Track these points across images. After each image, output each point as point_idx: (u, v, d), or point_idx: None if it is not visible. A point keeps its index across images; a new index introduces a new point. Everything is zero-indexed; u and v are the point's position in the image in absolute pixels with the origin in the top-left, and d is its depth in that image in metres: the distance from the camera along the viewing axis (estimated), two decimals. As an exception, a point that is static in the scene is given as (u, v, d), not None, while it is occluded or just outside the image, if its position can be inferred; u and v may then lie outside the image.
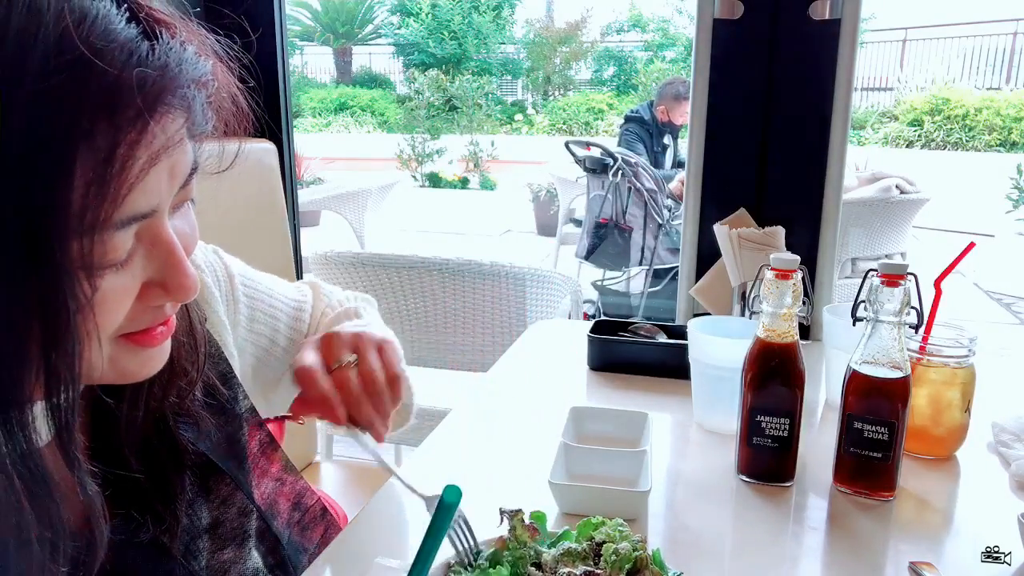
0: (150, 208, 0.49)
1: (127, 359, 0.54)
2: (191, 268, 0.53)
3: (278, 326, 0.87)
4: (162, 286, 0.52)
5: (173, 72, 0.47)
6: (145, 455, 0.63)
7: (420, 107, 13.25)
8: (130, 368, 0.55)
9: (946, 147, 11.83)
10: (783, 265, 0.82)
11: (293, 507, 0.80)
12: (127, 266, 0.50)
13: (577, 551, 0.64)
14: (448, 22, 16.58)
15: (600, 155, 4.10)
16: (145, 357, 0.55)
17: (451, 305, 1.97)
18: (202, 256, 0.78)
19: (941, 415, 0.93)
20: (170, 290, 0.52)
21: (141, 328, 0.53)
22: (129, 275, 0.50)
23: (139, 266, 0.50)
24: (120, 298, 0.50)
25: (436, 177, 10.58)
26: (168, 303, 0.54)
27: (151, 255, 0.51)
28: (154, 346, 0.55)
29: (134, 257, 0.50)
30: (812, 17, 1.33)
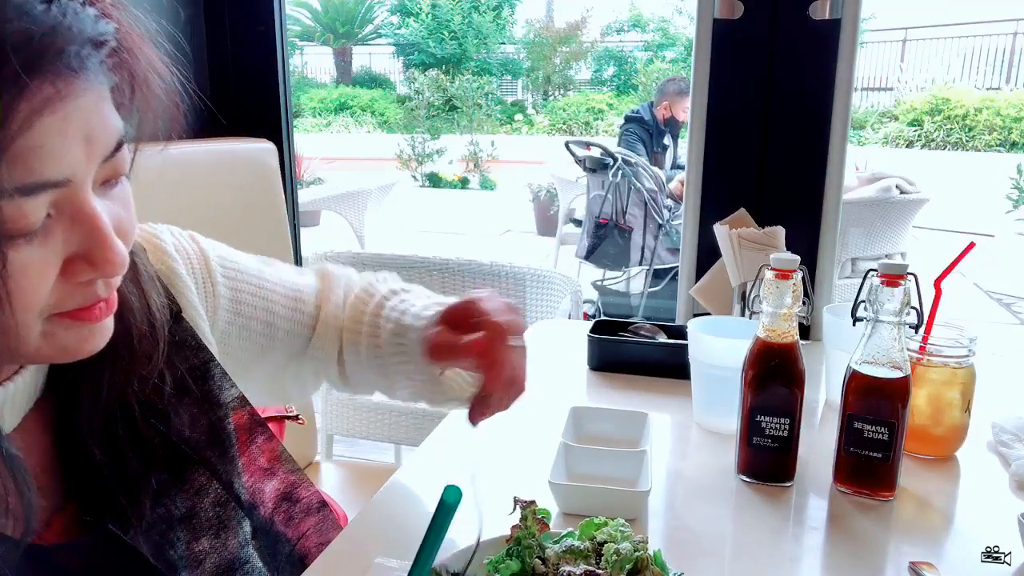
0: (62, 176, 0.48)
1: (64, 335, 0.53)
2: (118, 243, 0.51)
3: (274, 308, 0.84)
4: (87, 261, 0.51)
5: (64, 31, 0.46)
6: (109, 447, 0.63)
7: (420, 107, 13.26)
8: (68, 344, 0.54)
9: (946, 147, 11.83)
10: (783, 265, 0.82)
11: (282, 498, 0.78)
12: (45, 240, 0.49)
13: (579, 549, 0.64)
14: (448, 22, 16.58)
15: (600, 155, 4.11)
16: (84, 333, 0.54)
17: (451, 305, 1.97)
18: (174, 242, 0.76)
19: (941, 415, 0.93)
20: (95, 264, 0.51)
21: (75, 307, 0.52)
22: (48, 249, 0.49)
23: (59, 240, 0.49)
24: (39, 271, 0.49)
25: (436, 177, 10.58)
26: (99, 280, 0.53)
27: (73, 229, 0.50)
28: (92, 321, 0.54)
29: (53, 231, 0.49)
30: (812, 17, 1.33)
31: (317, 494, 0.82)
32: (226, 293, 0.79)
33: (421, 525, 0.53)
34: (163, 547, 0.64)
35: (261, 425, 0.78)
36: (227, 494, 0.70)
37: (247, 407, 0.76)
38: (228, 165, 1.42)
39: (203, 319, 0.75)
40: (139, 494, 0.63)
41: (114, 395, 0.62)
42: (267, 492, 0.77)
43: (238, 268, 0.81)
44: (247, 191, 1.44)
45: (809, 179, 1.39)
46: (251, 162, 1.45)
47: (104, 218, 0.51)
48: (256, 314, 0.82)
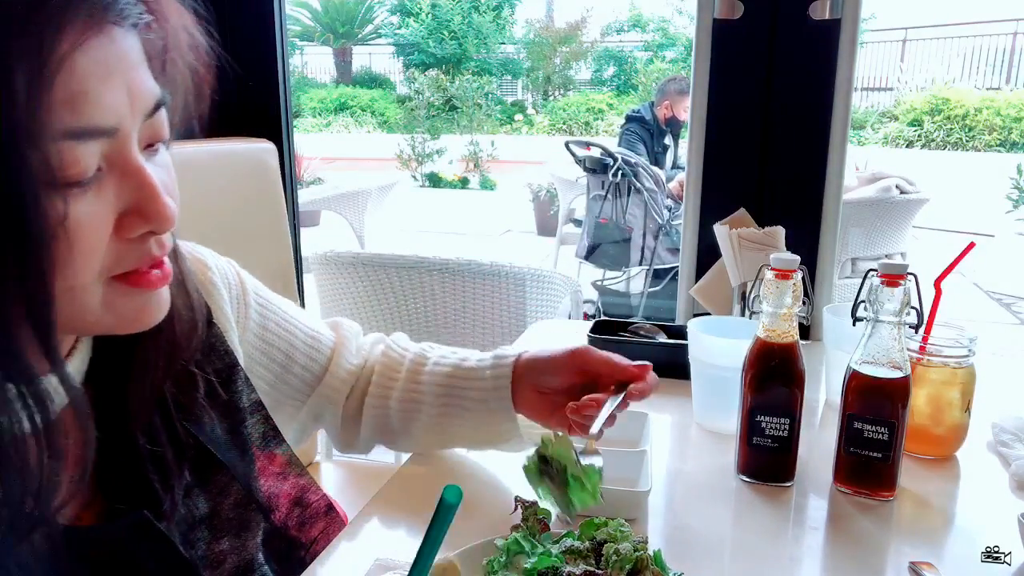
0: (108, 124, 0.49)
1: (123, 303, 0.54)
2: (167, 198, 0.53)
3: (295, 343, 0.88)
4: (139, 214, 0.52)
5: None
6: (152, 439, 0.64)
7: (420, 107, 13.26)
8: (127, 312, 0.55)
9: (946, 147, 11.83)
10: (783, 265, 0.82)
11: (294, 503, 0.81)
12: (98, 194, 0.50)
13: (579, 549, 0.64)
14: (448, 22, 16.58)
15: (600, 155, 4.10)
16: (141, 301, 0.55)
17: (451, 305, 1.97)
18: (215, 261, 0.79)
19: (941, 415, 0.93)
20: (147, 217, 0.52)
21: (131, 268, 0.53)
22: (102, 204, 0.50)
23: (111, 195, 0.51)
24: (96, 226, 0.50)
25: (436, 177, 10.58)
26: (153, 242, 0.54)
27: (123, 184, 0.51)
28: (149, 288, 0.55)
29: (105, 185, 0.50)
30: (812, 17, 1.33)
31: (325, 498, 0.84)
32: (256, 319, 0.84)
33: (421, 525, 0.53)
34: (185, 546, 0.65)
35: (274, 430, 0.80)
36: (248, 496, 0.72)
37: (263, 411, 0.79)
38: (228, 165, 1.42)
39: (232, 329, 0.78)
40: (173, 488, 0.65)
41: (159, 379, 0.64)
42: (281, 496, 0.79)
43: (269, 299, 0.86)
44: (247, 191, 1.44)
45: (809, 179, 1.39)
46: (251, 162, 1.45)
47: (152, 174, 0.52)
48: (279, 344, 0.86)
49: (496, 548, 0.66)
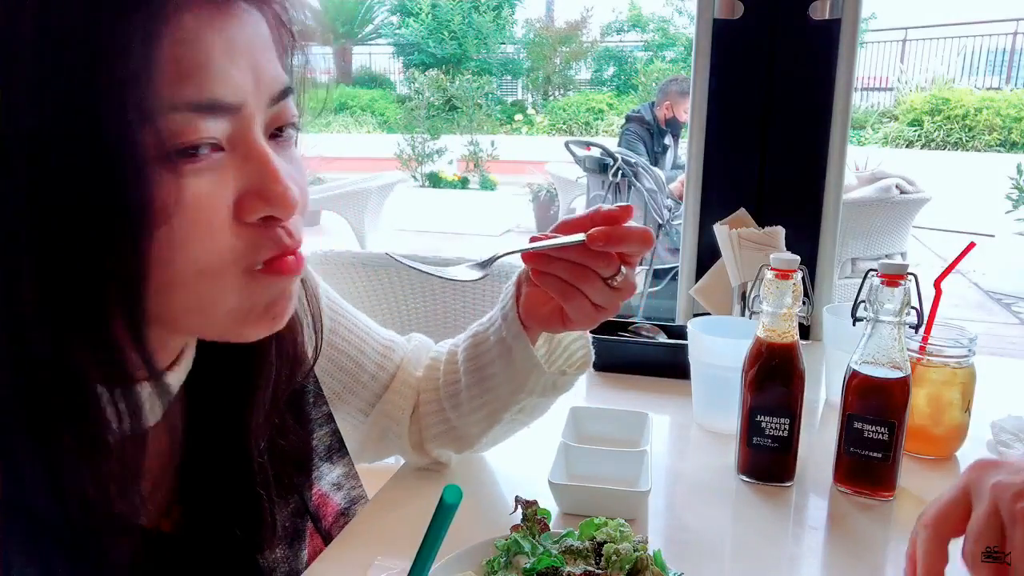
0: (231, 101, 0.48)
1: (260, 292, 0.52)
2: (290, 183, 0.51)
3: (365, 349, 0.86)
4: (260, 196, 0.50)
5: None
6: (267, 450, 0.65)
7: (420, 107, 13.25)
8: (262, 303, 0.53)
9: (946, 147, 11.83)
10: (783, 265, 0.82)
11: (340, 513, 0.80)
12: (217, 174, 0.49)
13: (579, 549, 0.64)
14: (448, 22, 16.58)
15: (600, 155, 4.11)
16: (277, 291, 0.53)
17: (451, 305, 1.97)
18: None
19: (941, 415, 0.93)
20: (268, 199, 0.50)
21: (266, 256, 0.52)
22: (220, 184, 0.49)
23: (231, 176, 0.50)
24: (214, 206, 0.49)
25: (436, 177, 10.58)
26: (282, 231, 0.52)
27: (245, 167, 0.50)
28: (286, 273, 0.53)
29: (226, 167, 0.49)
30: (812, 17, 1.33)
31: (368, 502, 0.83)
32: (327, 323, 0.82)
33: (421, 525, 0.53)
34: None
35: (340, 443, 0.80)
36: (302, 506, 0.72)
37: (332, 423, 0.79)
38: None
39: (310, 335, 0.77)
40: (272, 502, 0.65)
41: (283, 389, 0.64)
42: (330, 506, 0.78)
43: (339, 304, 0.85)
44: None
45: (809, 179, 1.39)
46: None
47: (274, 156, 0.51)
48: (348, 349, 0.84)
49: (496, 548, 0.66)
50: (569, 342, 0.83)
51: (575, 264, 0.68)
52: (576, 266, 0.68)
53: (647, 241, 0.68)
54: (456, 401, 0.84)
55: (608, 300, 0.70)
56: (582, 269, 0.68)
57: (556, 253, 0.68)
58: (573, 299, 0.70)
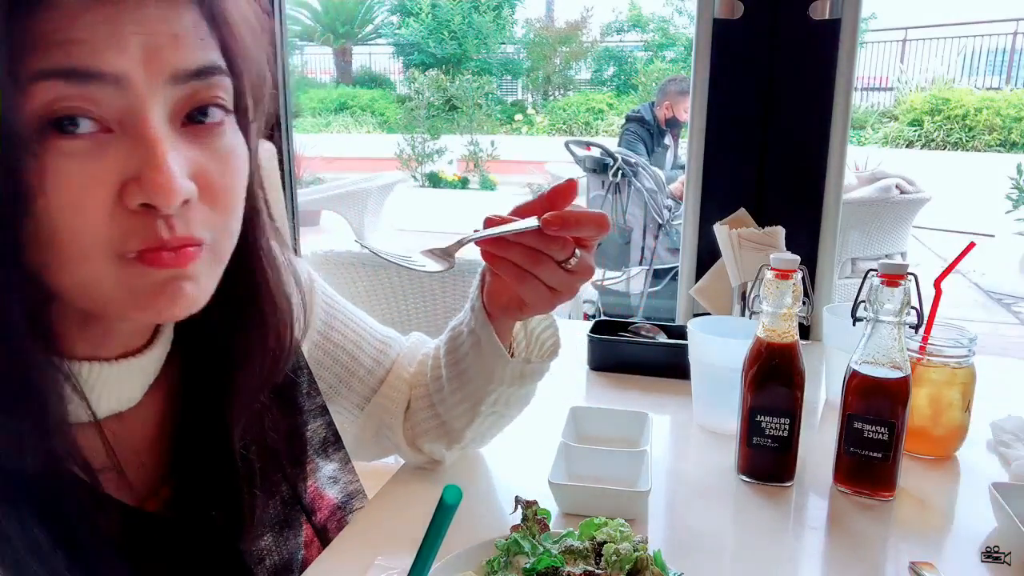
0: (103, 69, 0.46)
1: (137, 284, 0.50)
2: (173, 169, 0.48)
3: (362, 344, 0.86)
4: (138, 181, 0.48)
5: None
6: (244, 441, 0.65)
7: (420, 107, 13.26)
8: (142, 294, 0.51)
9: (946, 147, 11.82)
10: (783, 265, 0.82)
11: (337, 507, 0.80)
12: (98, 155, 0.47)
13: (578, 549, 0.64)
14: (448, 22, 16.58)
15: (600, 155, 4.10)
16: (156, 283, 0.51)
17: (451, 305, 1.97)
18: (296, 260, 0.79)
19: (941, 415, 0.93)
20: (144, 185, 0.47)
21: (138, 247, 0.50)
22: (101, 166, 0.47)
23: (115, 158, 0.48)
24: (90, 185, 0.47)
25: (436, 177, 10.58)
26: (160, 222, 0.49)
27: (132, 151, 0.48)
28: (160, 267, 0.50)
29: (110, 149, 0.47)
30: (812, 17, 1.33)
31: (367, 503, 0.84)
32: (322, 316, 0.83)
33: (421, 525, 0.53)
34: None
35: (335, 436, 0.80)
36: (293, 496, 0.72)
37: (327, 416, 0.79)
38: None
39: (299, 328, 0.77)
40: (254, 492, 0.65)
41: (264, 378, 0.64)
42: (325, 500, 0.78)
43: (336, 300, 0.86)
44: (247, 191, 1.44)
45: (809, 179, 1.39)
46: (251, 162, 1.45)
47: (165, 142, 0.48)
48: (344, 344, 0.85)
49: (496, 548, 0.66)
50: (541, 331, 0.84)
51: (529, 248, 0.68)
52: (530, 250, 0.68)
53: (603, 225, 0.69)
54: (441, 396, 0.84)
55: (563, 283, 0.70)
56: (536, 253, 0.68)
57: (512, 238, 0.68)
58: (526, 283, 0.69)
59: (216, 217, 0.53)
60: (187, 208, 0.50)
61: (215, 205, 0.52)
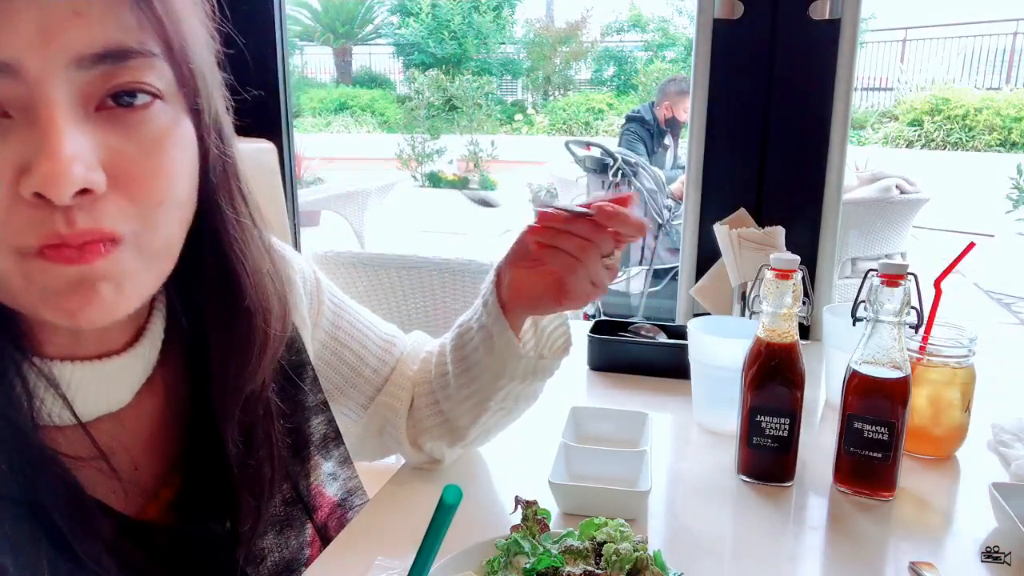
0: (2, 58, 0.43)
1: (42, 280, 0.47)
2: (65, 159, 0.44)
3: (367, 344, 0.87)
4: (30, 169, 0.45)
5: None
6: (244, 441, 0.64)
7: (420, 107, 13.25)
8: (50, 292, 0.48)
9: (946, 147, 11.82)
10: (783, 265, 0.82)
11: (338, 504, 0.80)
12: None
13: (578, 549, 0.64)
14: (448, 22, 16.57)
15: (600, 155, 4.10)
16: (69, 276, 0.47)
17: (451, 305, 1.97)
18: (293, 255, 0.80)
19: (941, 415, 0.93)
20: (34, 175, 0.44)
21: (35, 240, 0.46)
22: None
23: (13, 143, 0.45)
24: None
25: (436, 177, 10.57)
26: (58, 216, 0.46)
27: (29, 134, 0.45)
28: (61, 263, 0.47)
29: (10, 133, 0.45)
30: (812, 17, 1.33)
31: (367, 502, 0.84)
32: (329, 316, 0.84)
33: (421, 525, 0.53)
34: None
35: (336, 432, 0.80)
36: (295, 494, 0.72)
37: (327, 412, 0.79)
38: (228, 165, 1.42)
39: (306, 327, 0.79)
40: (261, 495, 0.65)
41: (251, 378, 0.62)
42: (326, 497, 0.78)
43: (343, 300, 0.87)
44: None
45: (809, 179, 1.39)
46: (251, 162, 1.45)
47: (63, 129, 0.45)
48: (351, 344, 0.86)
49: (496, 548, 0.66)
50: (552, 328, 0.85)
51: (580, 238, 0.72)
52: (582, 240, 0.72)
53: (642, 230, 0.74)
54: (447, 392, 0.85)
55: (602, 278, 0.75)
56: (586, 243, 0.72)
57: (563, 226, 0.72)
58: (575, 272, 0.73)
59: (137, 209, 0.49)
60: (92, 199, 0.46)
61: (136, 195, 0.48)
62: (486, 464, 0.93)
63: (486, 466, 0.93)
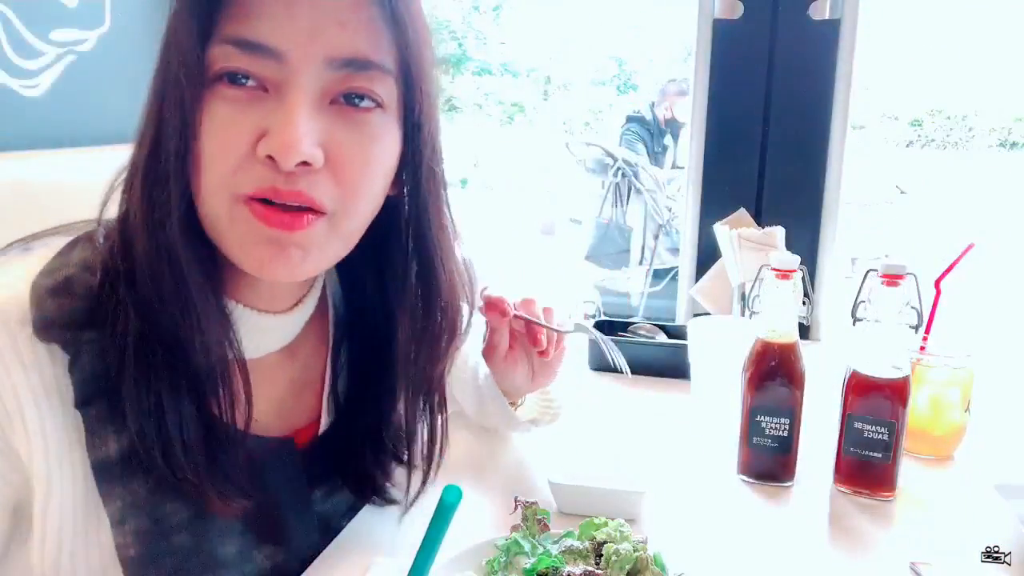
0: (268, 43, 0.53)
1: (244, 227, 0.55)
2: (299, 133, 0.53)
3: None
4: (269, 134, 0.54)
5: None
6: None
7: (420, 107, 13.23)
8: (248, 237, 0.56)
9: (946, 147, 11.82)
10: (783, 265, 0.82)
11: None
12: (249, 107, 0.54)
13: (578, 549, 0.64)
14: (448, 22, 16.57)
15: (600, 155, 4.10)
16: (267, 236, 0.55)
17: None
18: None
19: (941, 415, 0.93)
20: (271, 139, 0.53)
21: (251, 186, 0.55)
22: (248, 116, 0.54)
23: (261, 113, 0.54)
24: (234, 129, 0.54)
25: (436, 177, 10.56)
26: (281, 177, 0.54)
27: (276, 109, 0.54)
28: (263, 222, 0.55)
29: (261, 102, 0.54)
30: (812, 17, 1.33)
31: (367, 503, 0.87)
32: None
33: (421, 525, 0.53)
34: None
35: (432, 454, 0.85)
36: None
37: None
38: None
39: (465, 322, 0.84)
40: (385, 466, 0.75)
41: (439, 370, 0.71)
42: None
43: None
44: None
45: (809, 179, 1.39)
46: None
47: (302, 110, 0.54)
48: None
49: (496, 548, 0.66)
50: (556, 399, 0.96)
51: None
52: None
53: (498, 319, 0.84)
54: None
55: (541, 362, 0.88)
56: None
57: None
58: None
59: (340, 191, 0.57)
60: (308, 171, 0.55)
61: (342, 179, 0.57)
62: (486, 464, 0.93)
63: (486, 466, 0.93)
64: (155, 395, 0.56)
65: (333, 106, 0.56)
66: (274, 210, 0.55)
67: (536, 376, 0.89)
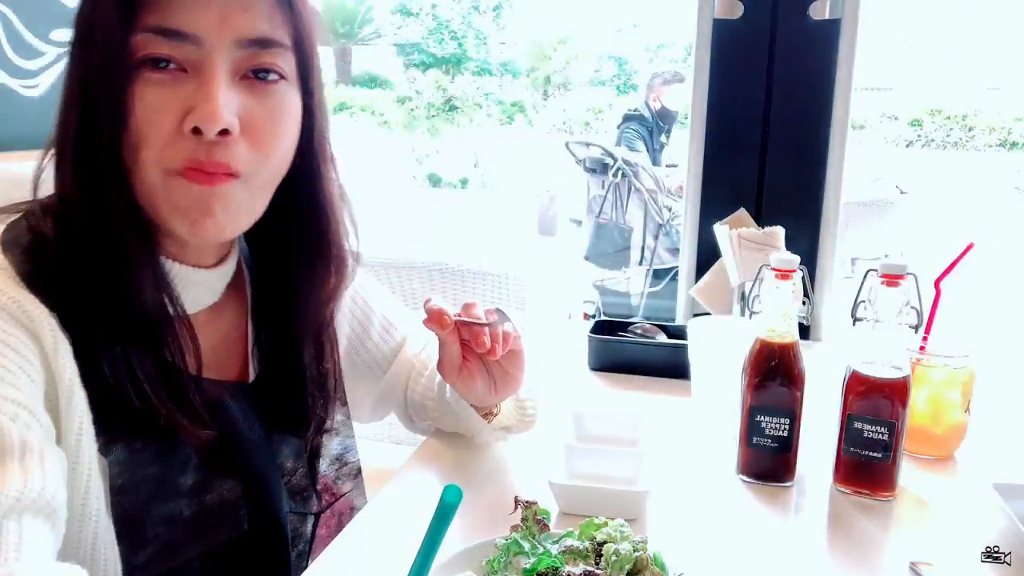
0: (185, 30, 0.60)
1: (180, 194, 0.63)
2: (220, 104, 0.60)
3: (372, 318, 0.95)
4: (192, 109, 0.61)
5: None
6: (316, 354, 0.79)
7: (420, 107, 13.25)
8: (183, 202, 0.63)
9: (946, 147, 11.82)
10: (783, 265, 0.82)
11: (336, 458, 0.87)
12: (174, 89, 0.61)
13: (578, 549, 0.64)
14: (448, 22, 16.57)
15: (600, 155, 4.11)
16: (196, 194, 0.63)
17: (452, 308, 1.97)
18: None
19: (941, 415, 0.93)
20: (196, 109, 0.61)
21: (178, 164, 0.62)
22: (173, 98, 0.61)
23: (184, 92, 0.61)
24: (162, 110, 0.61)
25: (436, 177, 10.57)
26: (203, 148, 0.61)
27: (198, 88, 0.61)
28: (196, 182, 0.62)
29: (183, 83, 0.61)
30: (812, 17, 1.33)
31: (359, 463, 0.90)
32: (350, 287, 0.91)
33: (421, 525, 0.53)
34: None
35: (343, 391, 0.88)
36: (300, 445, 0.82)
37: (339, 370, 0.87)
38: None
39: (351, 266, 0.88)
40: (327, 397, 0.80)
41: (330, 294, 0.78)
42: (327, 447, 0.85)
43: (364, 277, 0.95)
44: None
45: (809, 179, 1.39)
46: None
47: (220, 85, 0.61)
48: (359, 315, 0.94)
49: (496, 548, 0.66)
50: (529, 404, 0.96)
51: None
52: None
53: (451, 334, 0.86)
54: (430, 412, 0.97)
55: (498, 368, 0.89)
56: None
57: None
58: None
59: (254, 155, 0.65)
60: (227, 140, 0.62)
61: (255, 144, 0.64)
62: (486, 464, 0.93)
63: (486, 466, 0.93)
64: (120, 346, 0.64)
65: (244, 81, 0.64)
66: (198, 172, 0.62)
67: (498, 386, 0.89)
